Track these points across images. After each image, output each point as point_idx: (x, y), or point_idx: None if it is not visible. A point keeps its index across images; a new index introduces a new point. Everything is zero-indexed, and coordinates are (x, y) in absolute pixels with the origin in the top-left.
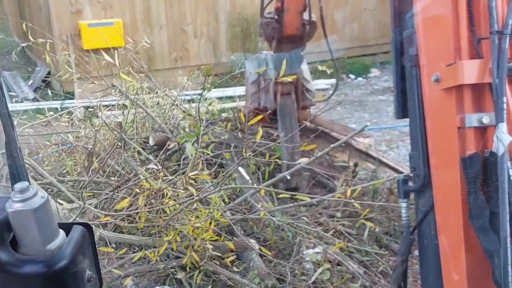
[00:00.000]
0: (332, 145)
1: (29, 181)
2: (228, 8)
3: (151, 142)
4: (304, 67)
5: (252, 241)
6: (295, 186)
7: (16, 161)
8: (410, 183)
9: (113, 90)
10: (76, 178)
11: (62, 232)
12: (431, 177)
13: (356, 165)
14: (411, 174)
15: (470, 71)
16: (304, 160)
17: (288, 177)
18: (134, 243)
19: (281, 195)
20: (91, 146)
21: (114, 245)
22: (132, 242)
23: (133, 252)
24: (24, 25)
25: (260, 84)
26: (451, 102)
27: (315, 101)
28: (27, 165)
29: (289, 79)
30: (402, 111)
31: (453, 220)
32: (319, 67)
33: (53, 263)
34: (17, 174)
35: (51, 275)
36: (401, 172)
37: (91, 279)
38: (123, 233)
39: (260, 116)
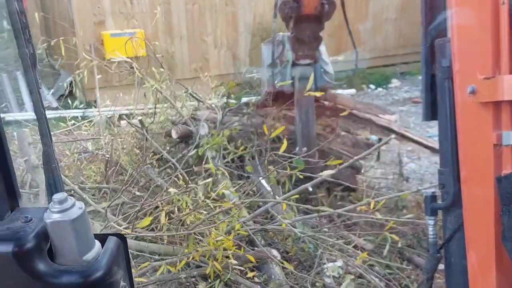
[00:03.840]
0: (355, 157)
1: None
2: (248, 19)
3: (174, 135)
4: (323, 49)
5: (274, 251)
6: (309, 173)
7: (54, 172)
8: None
9: (133, 74)
10: (97, 185)
11: (97, 243)
12: (461, 194)
13: (380, 140)
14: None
15: (511, 87)
16: (327, 173)
17: (310, 189)
18: (155, 251)
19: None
20: (108, 155)
21: (135, 252)
22: (152, 250)
23: (154, 261)
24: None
25: (277, 66)
26: (487, 117)
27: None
28: None
29: (317, 94)
30: (431, 112)
31: (484, 241)
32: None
33: (89, 273)
34: (54, 184)
35: (87, 286)
36: (425, 146)
37: None
38: (144, 240)
39: (281, 128)
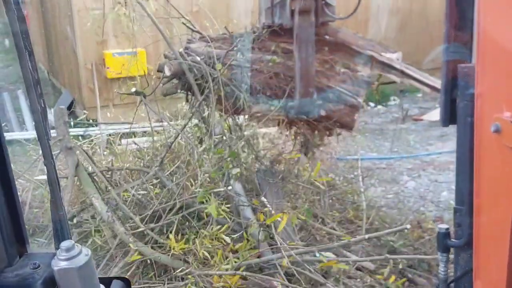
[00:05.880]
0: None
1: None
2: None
3: (167, 72)
4: None
5: (275, 282)
6: (306, 111)
7: (62, 219)
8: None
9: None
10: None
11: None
12: None
13: (379, 78)
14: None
15: None
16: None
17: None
18: (166, 262)
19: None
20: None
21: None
22: (163, 262)
23: (159, 276)
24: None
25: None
26: (511, 160)
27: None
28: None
29: None
30: (450, 118)
31: (494, 273)
32: None
33: None
34: (60, 230)
35: None
36: (426, 84)
37: None
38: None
39: None
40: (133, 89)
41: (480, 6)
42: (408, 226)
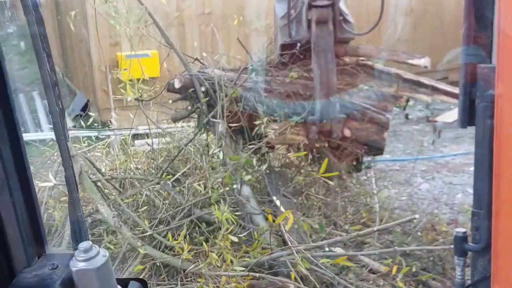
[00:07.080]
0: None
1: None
2: (262, 39)
3: (177, 84)
4: None
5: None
6: (329, 130)
7: (79, 220)
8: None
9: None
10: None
11: None
12: None
13: (407, 101)
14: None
15: None
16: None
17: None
18: (176, 265)
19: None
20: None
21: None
22: (173, 264)
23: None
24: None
25: (291, 15)
26: None
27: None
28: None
29: None
30: (468, 118)
31: None
32: None
33: None
34: (79, 232)
35: None
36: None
37: None
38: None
39: None
40: (129, 99)
41: (500, 5)
42: (417, 216)
